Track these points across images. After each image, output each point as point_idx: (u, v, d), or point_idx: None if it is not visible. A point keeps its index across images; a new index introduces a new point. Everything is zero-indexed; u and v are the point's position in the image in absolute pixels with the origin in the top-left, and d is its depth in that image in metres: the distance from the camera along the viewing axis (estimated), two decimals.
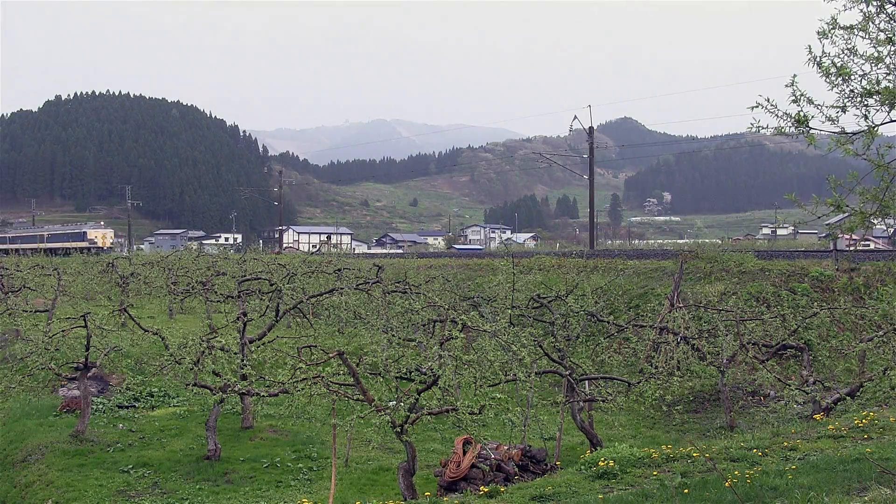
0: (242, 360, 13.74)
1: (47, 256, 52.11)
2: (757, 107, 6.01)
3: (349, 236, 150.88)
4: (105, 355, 16.02)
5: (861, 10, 5.79)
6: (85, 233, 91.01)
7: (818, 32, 5.87)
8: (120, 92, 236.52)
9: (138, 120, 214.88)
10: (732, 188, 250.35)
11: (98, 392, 19.60)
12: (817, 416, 12.49)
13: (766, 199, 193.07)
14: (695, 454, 9.36)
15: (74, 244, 79.80)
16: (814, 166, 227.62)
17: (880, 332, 14.18)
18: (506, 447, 11.74)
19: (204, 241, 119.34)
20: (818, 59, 5.86)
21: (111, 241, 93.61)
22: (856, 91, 5.83)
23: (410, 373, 10.65)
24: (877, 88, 5.73)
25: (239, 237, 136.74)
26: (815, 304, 17.99)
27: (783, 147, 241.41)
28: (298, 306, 18.44)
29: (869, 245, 49.44)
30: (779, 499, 6.88)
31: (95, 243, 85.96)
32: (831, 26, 5.82)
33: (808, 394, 13.66)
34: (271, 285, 18.94)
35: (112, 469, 13.83)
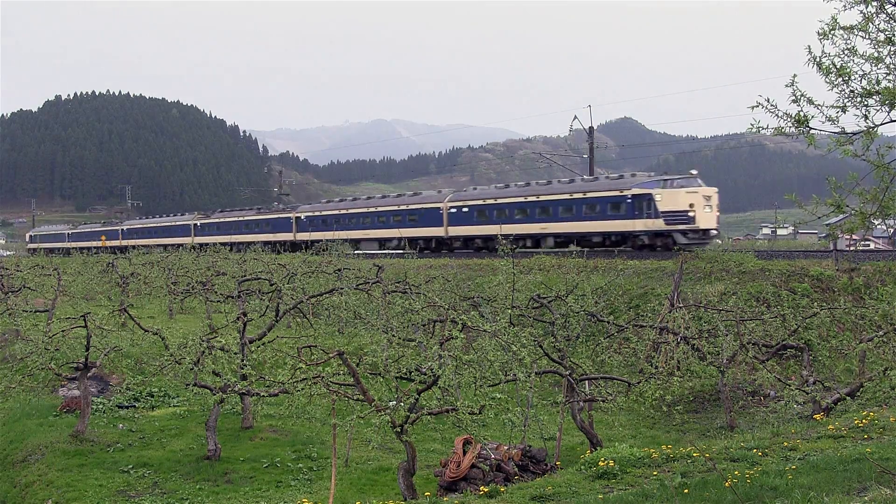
0: (242, 360, 13.72)
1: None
2: (757, 107, 6.02)
3: None
4: (105, 355, 16.00)
5: (861, 11, 5.79)
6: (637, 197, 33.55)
7: (818, 33, 5.88)
8: (120, 92, 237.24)
9: (138, 120, 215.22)
10: (732, 188, 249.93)
11: (98, 392, 19.59)
12: (817, 416, 12.49)
13: (766, 199, 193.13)
14: (695, 454, 9.36)
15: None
16: (814, 166, 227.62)
17: (880, 332, 14.17)
18: (506, 447, 11.73)
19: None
20: (818, 59, 5.87)
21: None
22: (856, 91, 5.84)
23: (410, 373, 10.64)
24: (877, 88, 5.74)
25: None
26: (815, 304, 17.98)
27: (783, 147, 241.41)
28: (298, 306, 18.43)
29: (869, 245, 49.45)
30: (779, 499, 6.88)
31: None
32: (831, 26, 5.83)
33: (808, 394, 13.65)
34: (271, 285, 18.92)
35: (112, 469, 13.82)
